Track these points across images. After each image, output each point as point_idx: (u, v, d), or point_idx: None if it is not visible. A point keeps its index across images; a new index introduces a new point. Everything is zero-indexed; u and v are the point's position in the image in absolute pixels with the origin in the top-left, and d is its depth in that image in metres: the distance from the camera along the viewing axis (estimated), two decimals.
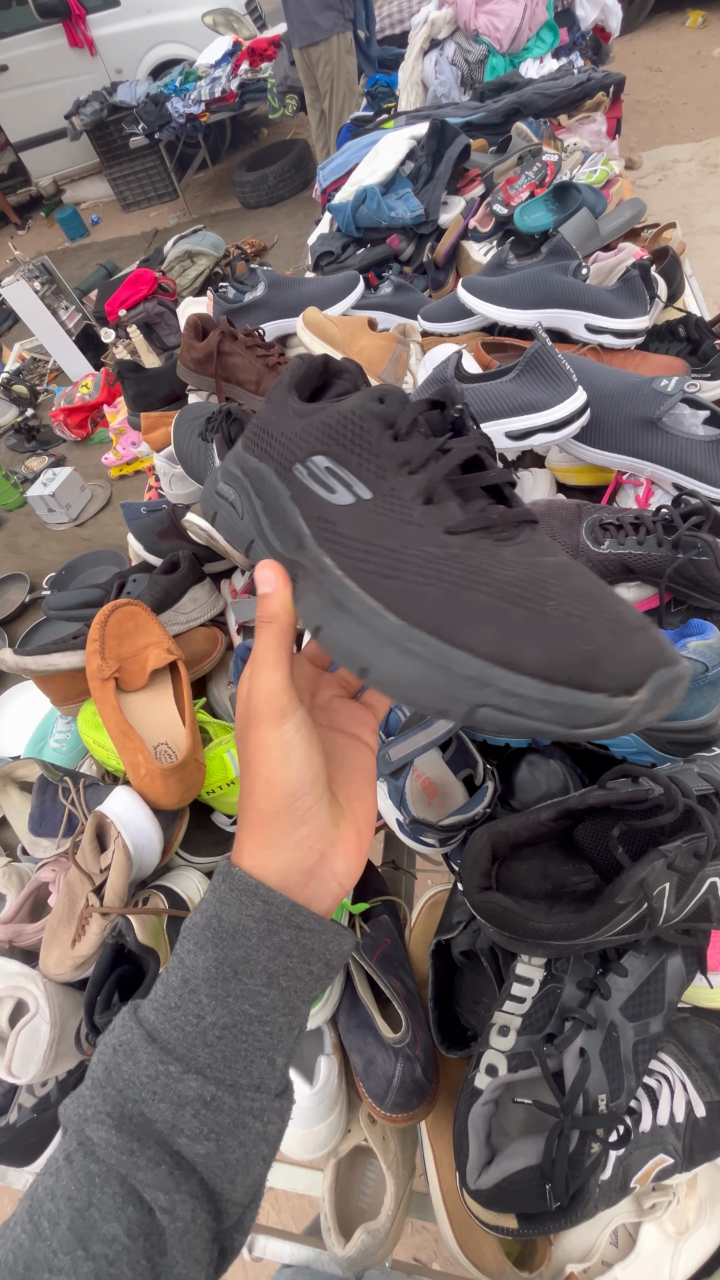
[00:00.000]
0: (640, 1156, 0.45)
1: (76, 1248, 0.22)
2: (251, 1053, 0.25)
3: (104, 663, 0.65)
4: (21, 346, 3.52)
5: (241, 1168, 0.25)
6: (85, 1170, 0.23)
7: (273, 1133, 0.26)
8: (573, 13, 1.81)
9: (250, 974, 0.25)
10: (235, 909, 0.26)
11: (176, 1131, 0.24)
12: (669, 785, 0.40)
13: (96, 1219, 0.22)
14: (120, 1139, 0.23)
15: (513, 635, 0.20)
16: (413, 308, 1.03)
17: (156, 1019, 0.25)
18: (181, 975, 0.26)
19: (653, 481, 0.68)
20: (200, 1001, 0.25)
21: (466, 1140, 0.43)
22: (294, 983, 0.26)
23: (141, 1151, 0.23)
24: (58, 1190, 0.23)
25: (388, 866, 0.73)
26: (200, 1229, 0.24)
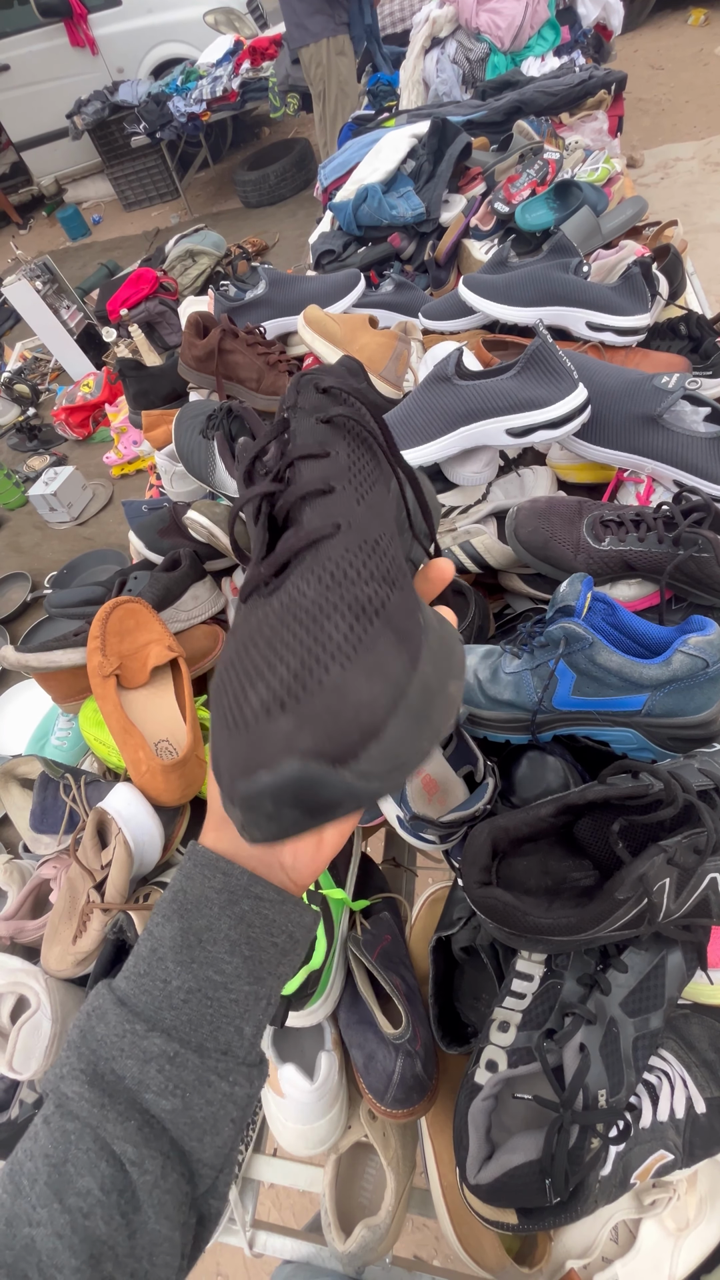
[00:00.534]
0: (640, 1152, 0.45)
1: (53, 1200, 0.23)
2: (217, 1018, 0.26)
3: (105, 660, 0.65)
4: (23, 346, 3.52)
5: (209, 1126, 0.26)
6: (61, 1129, 0.24)
7: (240, 1095, 0.26)
8: (574, 10, 1.81)
9: (213, 941, 0.26)
10: (198, 881, 0.27)
11: (143, 1087, 0.25)
12: (669, 780, 0.40)
13: (71, 1173, 0.23)
14: (92, 1093, 0.24)
15: (238, 669, 0.20)
16: (414, 306, 1.03)
17: (127, 985, 0.27)
18: (150, 945, 0.27)
19: (653, 479, 0.68)
20: (167, 968, 0.26)
21: (466, 1135, 0.43)
22: (257, 952, 0.27)
23: (112, 1106, 0.24)
24: (35, 1150, 0.24)
25: (388, 864, 0.73)
26: (172, 1187, 0.24)
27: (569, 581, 0.53)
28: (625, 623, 0.52)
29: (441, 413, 0.68)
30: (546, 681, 0.52)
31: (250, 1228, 0.57)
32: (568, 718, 0.53)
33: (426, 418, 0.69)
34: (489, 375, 0.68)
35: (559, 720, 0.53)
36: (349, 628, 0.19)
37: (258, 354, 0.88)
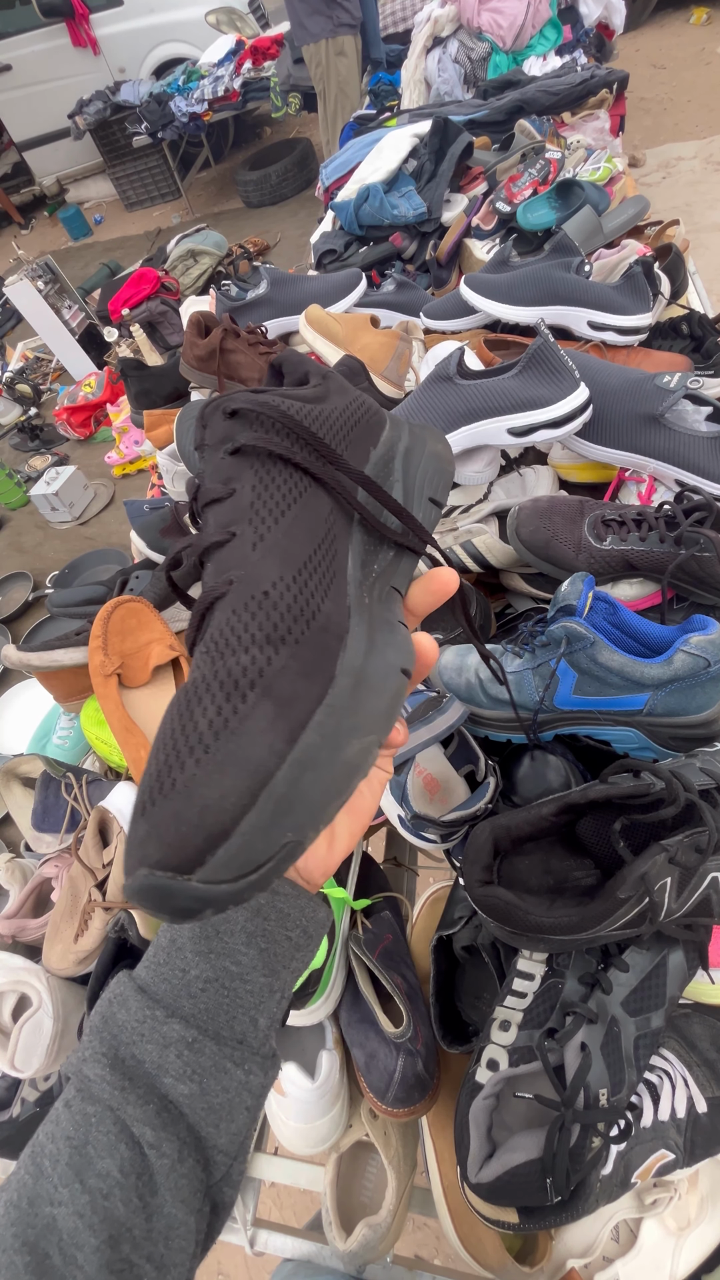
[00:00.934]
0: (641, 1152, 0.45)
1: (74, 1180, 0.23)
2: (233, 1008, 0.27)
3: (107, 659, 0.65)
4: (25, 346, 3.52)
5: (225, 1112, 0.26)
6: (82, 1111, 0.25)
7: (255, 1084, 0.27)
8: (576, 10, 1.81)
9: (230, 933, 0.27)
10: None
11: (162, 1071, 0.25)
12: (671, 779, 0.40)
13: (92, 1155, 0.24)
14: (114, 1076, 0.25)
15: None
16: (415, 305, 1.03)
17: (147, 974, 0.27)
18: (169, 936, 0.28)
19: (655, 478, 0.68)
20: (185, 957, 0.27)
21: (467, 1134, 0.43)
22: (272, 945, 0.27)
23: (132, 1089, 0.25)
24: (57, 1133, 0.25)
25: (389, 863, 0.73)
26: (188, 1172, 0.25)
27: (570, 581, 0.53)
28: (627, 622, 0.52)
29: (443, 412, 0.68)
30: (548, 681, 0.52)
31: (251, 1226, 0.57)
32: (569, 717, 0.53)
33: (428, 417, 0.69)
34: (491, 375, 0.68)
35: (560, 719, 0.53)
36: (216, 710, 0.18)
37: (259, 354, 0.88)
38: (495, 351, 0.80)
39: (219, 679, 0.19)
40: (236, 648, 0.20)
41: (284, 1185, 0.60)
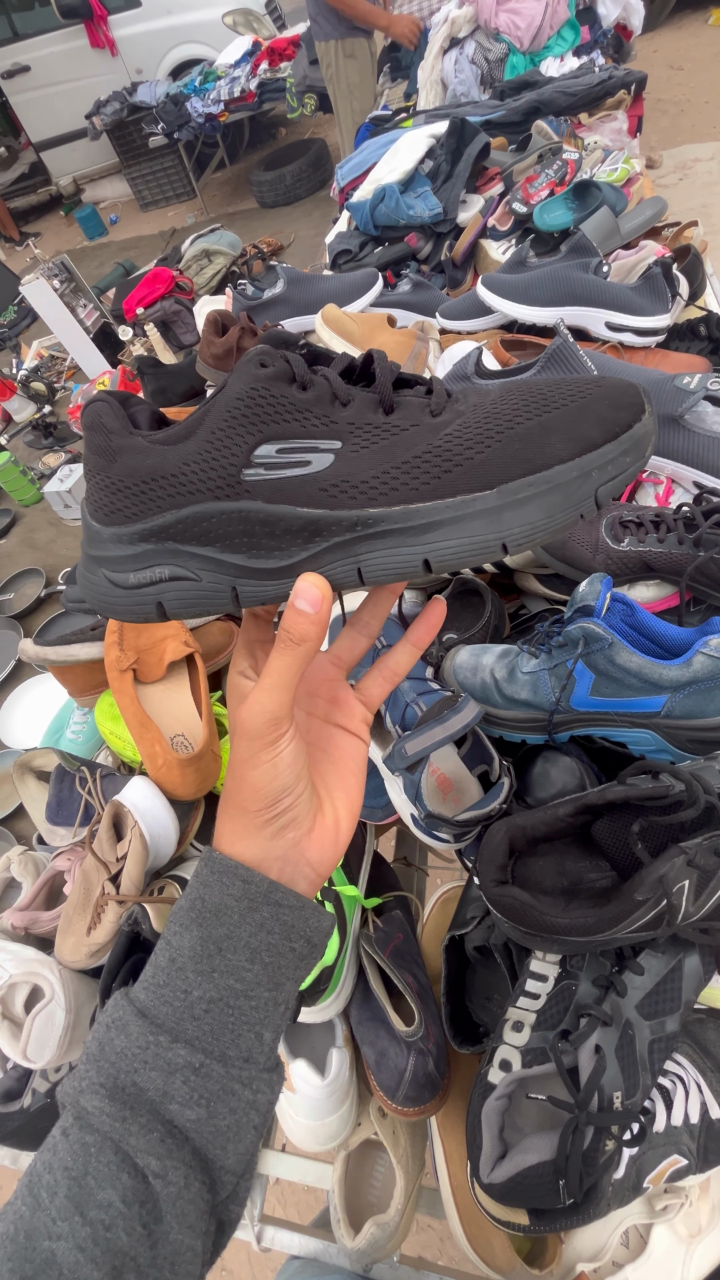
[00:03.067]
0: (654, 1156, 0.44)
1: (74, 1214, 0.23)
2: (239, 1026, 0.26)
3: (122, 654, 0.65)
4: (40, 344, 3.55)
5: (233, 1134, 0.26)
6: (81, 1141, 0.24)
7: (262, 1102, 0.26)
8: (594, 10, 1.80)
9: (234, 950, 0.26)
10: (217, 889, 0.27)
11: (167, 1098, 0.25)
12: (690, 781, 0.40)
13: (92, 1186, 0.23)
14: (113, 1107, 0.24)
15: (569, 433, 0.24)
16: (431, 305, 1.03)
17: (146, 997, 0.26)
18: (169, 955, 0.27)
19: (673, 480, 0.68)
20: (187, 978, 0.26)
21: (480, 1134, 0.43)
22: (277, 959, 0.27)
23: (134, 1119, 0.24)
24: (55, 1163, 0.24)
25: (399, 862, 0.73)
26: (194, 1197, 0.24)
27: (588, 581, 0.53)
28: (644, 624, 0.52)
29: None
30: (564, 681, 0.52)
31: (258, 1222, 0.58)
32: (585, 718, 0.52)
33: None
34: (508, 375, 0.68)
35: (576, 721, 0.53)
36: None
37: None
38: (511, 352, 0.80)
39: (531, 386, 0.25)
40: (523, 385, 0.26)
41: (288, 1182, 0.60)
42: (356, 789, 0.31)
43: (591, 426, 0.24)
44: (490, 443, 0.24)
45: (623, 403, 0.24)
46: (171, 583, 0.26)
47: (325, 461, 0.25)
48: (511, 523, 0.24)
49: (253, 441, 0.25)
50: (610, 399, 0.24)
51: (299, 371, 0.25)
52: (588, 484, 0.24)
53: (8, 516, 2.75)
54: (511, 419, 0.24)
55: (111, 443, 0.26)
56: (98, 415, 0.26)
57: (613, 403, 0.24)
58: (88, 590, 0.27)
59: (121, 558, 0.26)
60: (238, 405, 0.25)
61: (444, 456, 0.24)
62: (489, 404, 0.25)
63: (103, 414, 0.26)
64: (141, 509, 0.25)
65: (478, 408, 0.25)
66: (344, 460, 0.25)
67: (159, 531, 0.25)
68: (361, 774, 0.31)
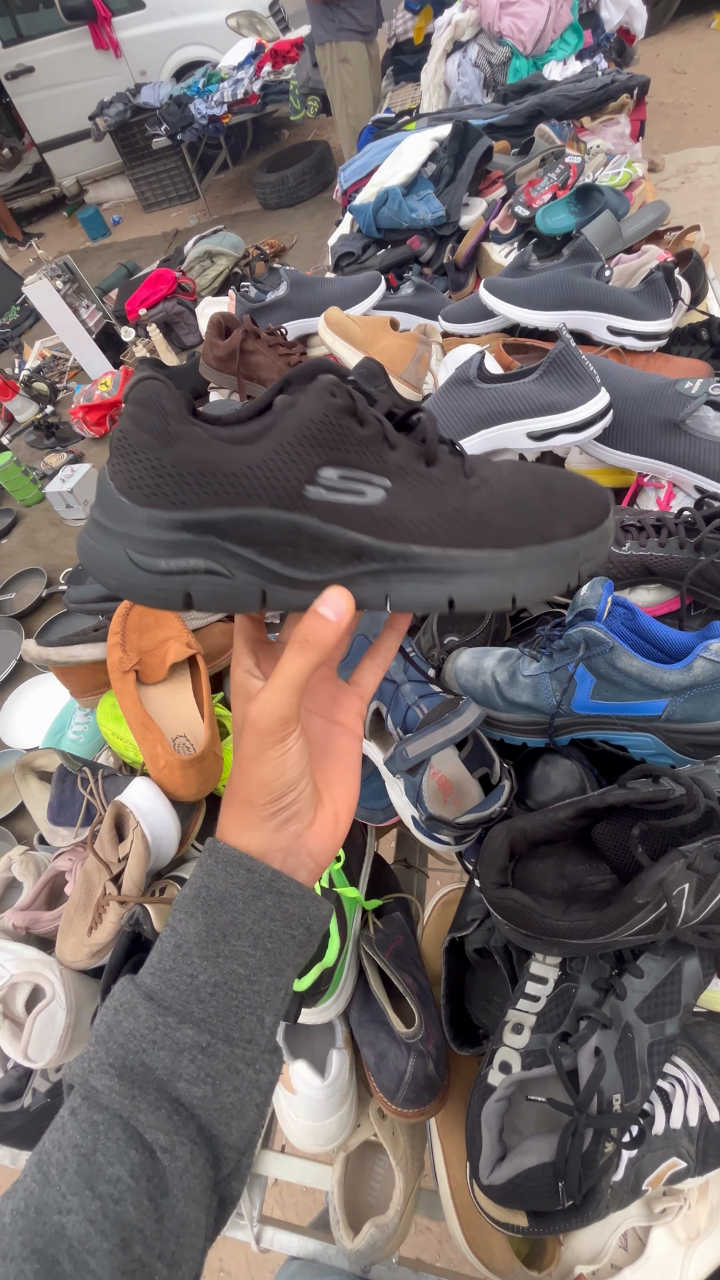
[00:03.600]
0: (653, 1159, 0.45)
1: (84, 1188, 0.23)
2: (241, 1009, 0.27)
3: (125, 655, 0.65)
4: (42, 344, 3.56)
5: (237, 1111, 0.27)
6: (90, 1120, 0.25)
7: (264, 1081, 0.28)
8: (597, 14, 1.80)
9: (238, 936, 0.27)
10: (221, 878, 0.28)
11: (175, 1076, 0.26)
12: (691, 785, 0.40)
13: (101, 1162, 0.24)
14: (123, 1085, 0.25)
15: (570, 519, 0.29)
16: (434, 309, 1.04)
17: (153, 981, 0.27)
18: (174, 941, 0.27)
19: (674, 484, 0.68)
20: (193, 963, 0.27)
21: (479, 1135, 0.43)
22: (278, 945, 0.28)
23: (142, 1096, 0.25)
24: (64, 1141, 0.25)
25: (399, 864, 0.73)
26: (199, 1172, 0.25)
27: (589, 585, 0.53)
28: (645, 627, 0.52)
29: (463, 415, 0.68)
30: (565, 685, 0.52)
31: (257, 1223, 0.58)
32: (586, 722, 0.52)
33: (447, 420, 0.70)
34: (511, 378, 0.68)
35: (577, 724, 0.53)
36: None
37: (279, 355, 0.89)
38: (513, 355, 0.80)
39: (531, 470, 0.31)
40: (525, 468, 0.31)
41: (286, 1184, 0.60)
42: (353, 782, 0.32)
43: (583, 516, 0.29)
44: (514, 513, 0.29)
45: (601, 501, 0.30)
46: (205, 575, 0.26)
47: (378, 495, 0.28)
48: (522, 581, 0.28)
49: (318, 462, 0.27)
50: (593, 497, 0.30)
51: (361, 409, 0.28)
52: (575, 561, 0.29)
53: (9, 516, 2.76)
54: (529, 497, 0.29)
55: (169, 426, 0.25)
56: (155, 395, 0.25)
57: (594, 500, 0.30)
58: (101, 565, 0.26)
59: (153, 541, 0.25)
60: (310, 426, 0.26)
61: (480, 516, 0.28)
62: (507, 479, 0.30)
63: (161, 395, 0.25)
64: (191, 499, 0.25)
65: (498, 479, 0.30)
66: (395, 498, 0.28)
67: (205, 525, 0.26)
68: (357, 768, 0.32)
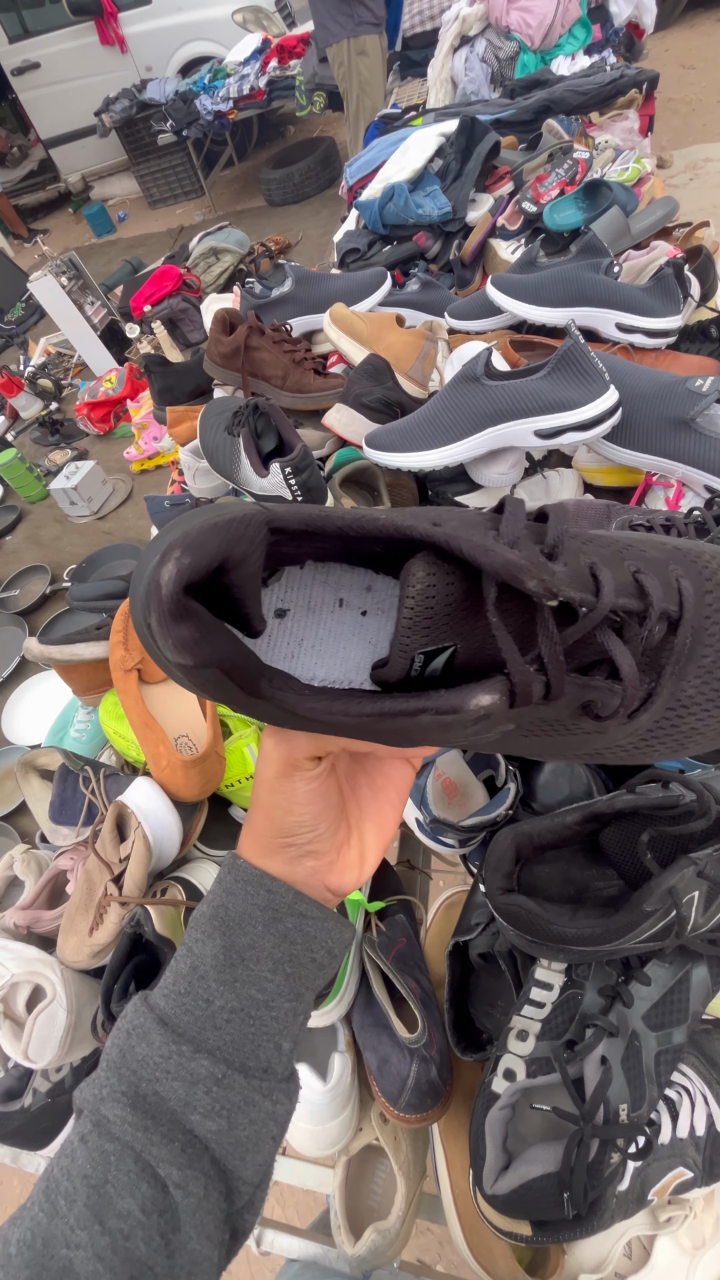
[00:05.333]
0: (659, 1169, 0.44)
1: (93, 1222, 0.22)
2: (259, 1037, 0.26)
3: (127, 654, 0.65)
4: (48, 341, 3.56)
5: (252, 1145, 0.26)
6: (100, 1149, 0.24)
7: (281, 1113, 0.27)
8: (606, 9, 1.79)
9: (256, 960, 0.26)
10: (241, 899, 0.27)
11: (189, 1109, 0.24)
12: (701, 791, 0.39)
13: (112, 1195, 0.23)
14: (135, 1116, 0.24)
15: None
16: (440, 305, 1.03)
17: (167, 1005, 0.26)
18: (190, 963, 0.26)
19: (684, 483, 0.67)
20: (209, 987, 0.26)
21: (483, 1144, 0.42)
22: (298, 969, 0.27)
23: (155, 1128, 0.24)
24: (73, 1170, 0.24)
25: (402, 865, 0.72)
26: (213, 1207, 0.24)
27: None
28: None
29: (469, 413, 0.68)
30: None
31: (258, 1225, 0.57)
32: None
33: (454, 417, 0.69)
34: (519, 376, 0.67)
35: None
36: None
37: (284, 351, 0.88)
38: (521, 353, 0.79)
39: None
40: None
41: (288, 1185, 0.60)
42: (393, 819, 0.29)
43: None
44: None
45: None
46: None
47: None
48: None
49: None
50: None
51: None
52: None
53: (13, 513, 2.76)
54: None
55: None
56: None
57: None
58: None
59: None
60: None
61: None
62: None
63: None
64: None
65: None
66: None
67: None
68: (402, 803, 0.30)
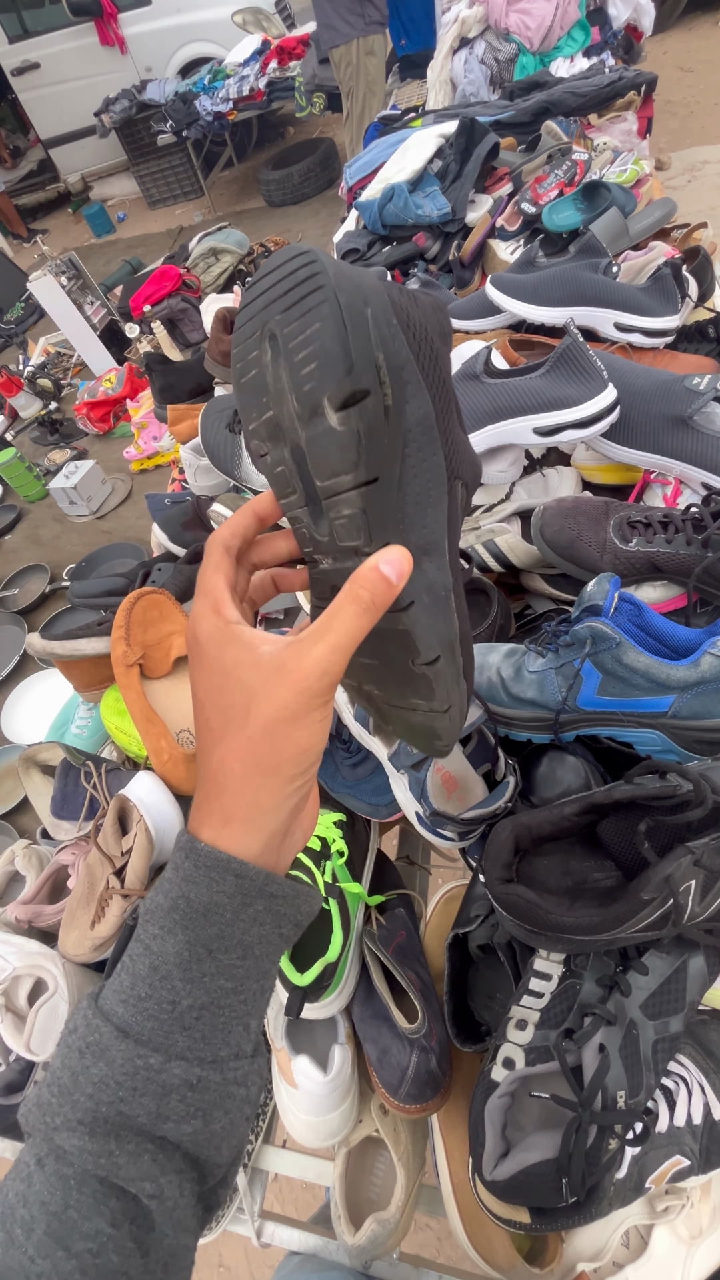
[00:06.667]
0: (656, 1157, 0.44)
1: (56, 1249, 0.21)
2: (229, 1024, 0.25)
3: (129, 649, 0.65)
4: (47, 341, 3.56)
5: (227, 1134, 0.25)
6: (59, 1174, 0.22)
7: (254, 1093, 0.26)
8: (605, 11, 1.80)
9: (225, 950, 0.24)
10: (205, 887, 0.24)
11: (161, 1120, 0.23)
12: (698, 781, 0.40)
13: (75, 1219, 0.22)
14: (96, 1144, 0.22)
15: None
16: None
17: (126, 1012, 0.24)
18: (150, 962, 0.24)
19: (681, 480, 0.68)
20: (174, 987, 0.24)
21: (483, 1131, 0.43)
22: (267, 949, 0.26)
23: (120, 1150, 0.22)
24: (30, 1196, 0.22)
25: (402, 861, 0.73)
26: (187, 1200, 0.24)
27: (596, 581, 0.53)
28: (652, 624, 0.52)
29: (469, 410, 0.68)
30: (571, 681, 0.51)
31: (258, 1218, 0.58)
32: (592, 718, 0.52)
33: None
34: (518, 373, 0.67)
35: (583, 720, 0.53)
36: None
37: None
38: (520, 352, 0.80)
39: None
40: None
41: (284, 1180, 0.60)
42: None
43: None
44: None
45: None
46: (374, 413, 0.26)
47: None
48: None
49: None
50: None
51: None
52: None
53: (13, 513, 2.76)
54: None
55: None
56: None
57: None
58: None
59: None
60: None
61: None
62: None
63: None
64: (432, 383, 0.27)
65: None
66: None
67: (416, 414, 0.28)
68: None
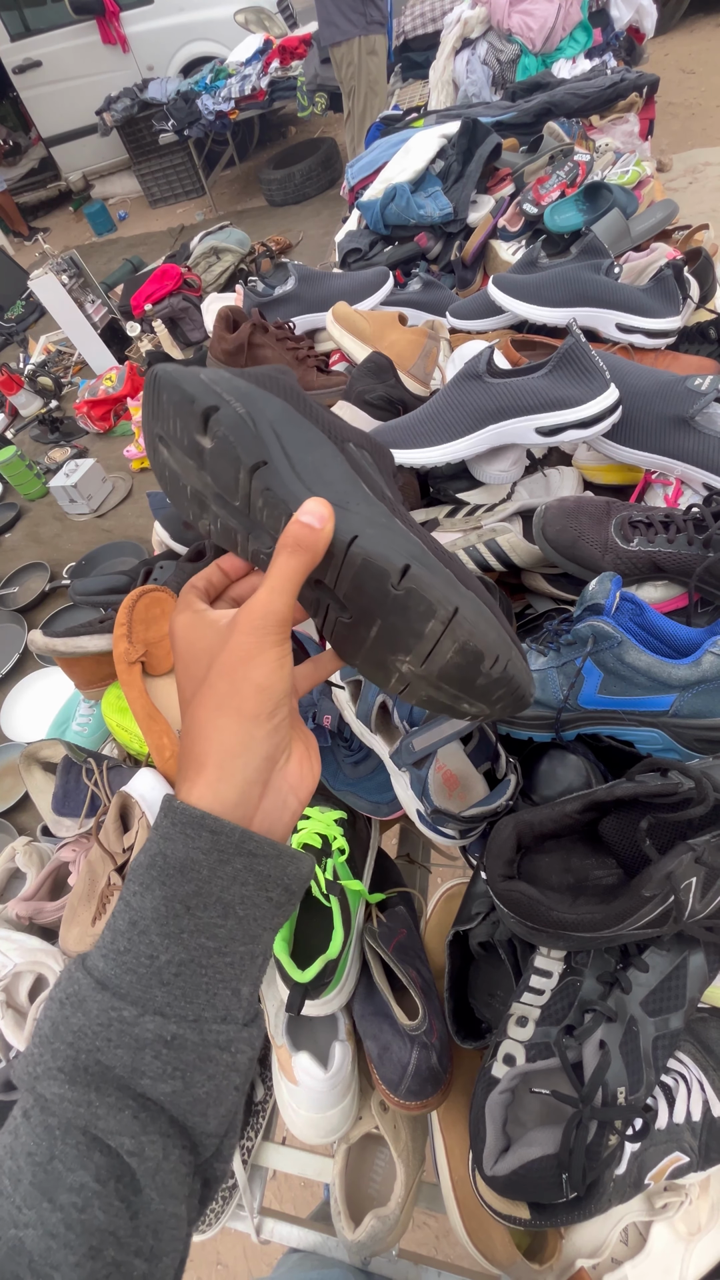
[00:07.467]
0: (655, 1153, 0.45)
1: (42, 1200, 0.21)
2: (214, 985, 0.25)
3: (131, 646, 0.65)
4: (48, 339, 3.56)
5: (212, 1100, 0.24)
6: (44, 1124, 0.22)
7: (242, 1061, 0.25)
8: (607, 13, 1.80)
9: (203, 907, 0.24)
10: (180, 844, 0.25)
11: (138, 1074, 0.23)
12: (700, 779, 0.40)
13: (60, 1170, 0.22)
14: (75, 1092, 0.22)
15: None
16: (441, 305, 1.03)
17: (106, 965, 0.24)
18: (129, 918, 0.24)
19: (683, 481, 0.68)
20: (152, 941, 0.24)
21: (483, 1126, 0.43)
22: (252, 910, 0.25)
23: (100, 1101, 0.22)
24: (17, 1147, 0.22)
25: (402, 859, 0.73)
26: (175, 1165, 0.23)
27: (598, 580, 0.53)
28: (653, 623, 0.52)
29: (471, 410, 0.68)
30: (573, 679, 0.52)
31: (258, 1214, 0.58)
32: (593, 716, 0.52)
33: (455, 415, 0.70)
34: (520, 373, 0.68)
35: (584, 719, 0.53)
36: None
37: (287, 349, 0.89)
38: (522, 352, 0.80)
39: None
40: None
41: (284, 1177, 0.61)
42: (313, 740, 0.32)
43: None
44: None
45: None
46: (240, 417, 0.31)
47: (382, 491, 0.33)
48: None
49: (355, 442, 0.35)
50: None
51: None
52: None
53: (13, 511, 2.76)
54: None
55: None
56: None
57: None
58: (196, 379, 0.32)
59: (234, 388, 0.32)
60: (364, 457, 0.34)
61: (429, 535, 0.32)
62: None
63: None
64: (292, 402, 0.33)
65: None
66: (391, 501, 0.33)
67: (280, 415, 0.32)
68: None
